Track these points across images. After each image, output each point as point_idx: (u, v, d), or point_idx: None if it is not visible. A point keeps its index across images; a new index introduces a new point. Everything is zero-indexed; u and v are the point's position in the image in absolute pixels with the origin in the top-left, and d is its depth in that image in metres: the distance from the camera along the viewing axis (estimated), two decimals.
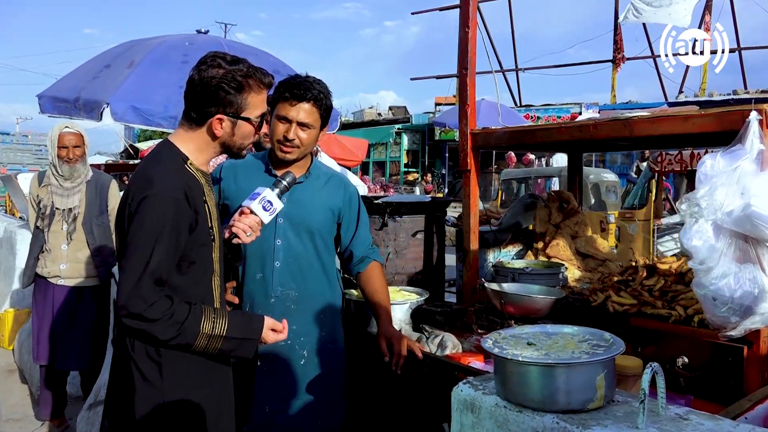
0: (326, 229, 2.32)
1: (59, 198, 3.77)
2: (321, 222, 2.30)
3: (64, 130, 3.77)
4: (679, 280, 2.30)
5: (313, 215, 2.28)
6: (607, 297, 2.38)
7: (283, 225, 2.25)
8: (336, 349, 2.36)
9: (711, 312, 1.88)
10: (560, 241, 3.02)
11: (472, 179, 2.78)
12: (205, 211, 1.81)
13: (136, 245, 1.68)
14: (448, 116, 16.12)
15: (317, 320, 2.30)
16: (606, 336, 1.68)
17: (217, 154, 1.90)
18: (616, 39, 19.35)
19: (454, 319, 2.68)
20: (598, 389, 1.50)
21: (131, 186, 1.76)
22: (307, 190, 2.29)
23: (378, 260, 2.42)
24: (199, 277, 1.83)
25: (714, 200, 1.83)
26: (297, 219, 2.26)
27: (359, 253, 2.38)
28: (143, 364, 1.75)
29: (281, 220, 2.24)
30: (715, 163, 1.85)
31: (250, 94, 1.80)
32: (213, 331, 1.74)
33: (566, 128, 2.44)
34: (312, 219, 2.28)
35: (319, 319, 2.30)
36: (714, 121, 2.01)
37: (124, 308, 1.66)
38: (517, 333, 1.76)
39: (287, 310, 2.25)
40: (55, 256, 3.76)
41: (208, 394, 1.85)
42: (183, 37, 4.93)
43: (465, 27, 2.74)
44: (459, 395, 1.68)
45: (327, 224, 2.32)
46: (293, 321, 2.24)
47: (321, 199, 2.31)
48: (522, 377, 1.53)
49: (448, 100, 22.57)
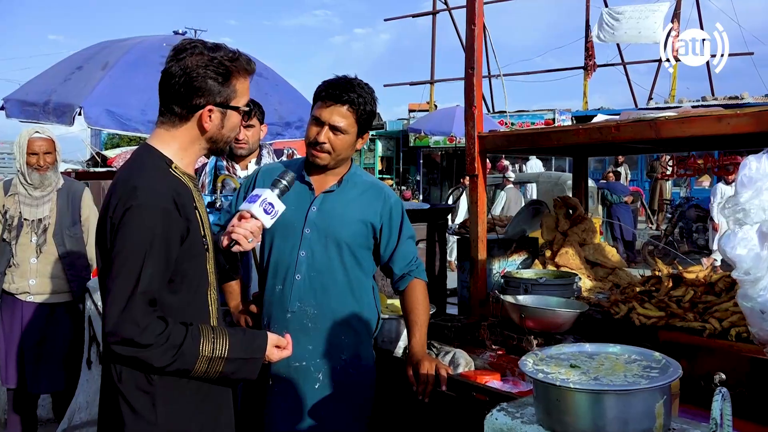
0: (357, 242, 2.13)
1: (27, 208, 3.51)
2: (351, 235, 2.11)
3: (34, 135, 3.51)
4: (709, 291, 2.17)
5: (343, 227, 2.10)
6: (630, 309, 2.24)
7: (310, 236, 2.08)
8: (359, 375, 2.16)
9: (758, 326, 1.74)
10: (569, 249, 2.89)
11: (479, 184, 2.63)
12: (196, 218, 1.65)
13: (123, 263, 1.50)
14: (423, 122, 16.08)
15: (338, 341, 2.11)
16: (656, 356, 1.54)
17: (203, 152, 1.73)
18: (587, 46, 19.54)
19: (464, 335, 2.52)
20: (657, 417, 1.36)
21: (111, 196, 1.58)
22: (339, 200, 2.12)
23: (420, 277, 2.22)
24: (194, 292, 1.66)
25: (760, 205, 1.70)
26: (325, 230, 2.09)
27: (399, 271, 2.19)
28: (132, 395, 1.57)
29: (308, 231, 2.08)
30: (761, 165, 1.72)
31: (237, 81, 1.65)
32: (213, 353, 1.57)
33: (585, 130, 2.30)
34: (341, 231, 2.10)
35: (339, 340, 2.11)
36: (752, 121, 1.89)
37: (114, 334, 1.47)
38: (554, 353, 1.61)
39: (303, 328, 2.07)
40: (24, 270, 3.49)
41: (206, 423, 1.68)
42: (160, 38, 4.72)
43: (471, 24, 2.59)
44: (494, 424, 1.52)
45: (359, 237, 2.13)
46: (309, 341, 2.08)
47: (354, 211, 2.12)
48: (571, 405, 1.38)
49: (421, 107, 22.56)
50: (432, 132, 15.92)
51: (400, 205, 2.22)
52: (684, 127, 2.04)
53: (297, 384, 2.09)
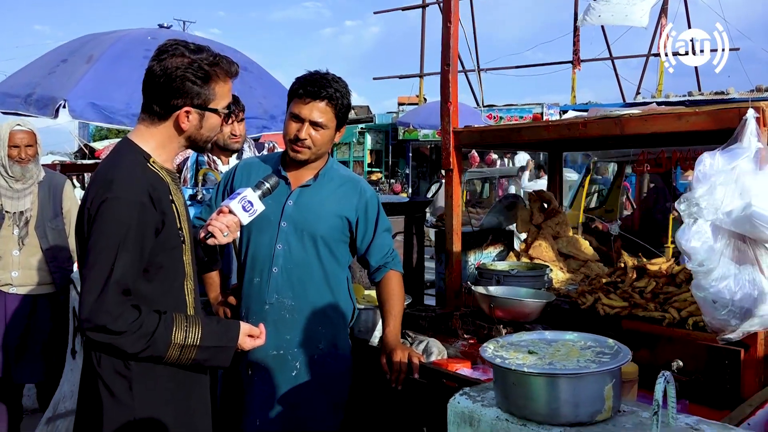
0: (332, 236, 2.17)
1: (9, 201, 3.54)
2: (327, 229, 2.16)
3: (15, 128, 3.53)
4: (671, 282, 2.26)
5: (318, 221, 2.15)
6: (596, 299, 2.32)
7: (286, 229, 2.13)
8: (336, 363, 2.22)
9: (710, 315, 1.83)
10: (542, 242, 2.96)
11: (455, 179, 2.70)
12: (172, 211, 1.70)
13: (98, 253, 1.55)
14: (412, 116, 16.07)
15: (314, 332, 2.17)
16: (610, 342, 1.61)
17: (182, 149, 1.78)
18: (574, 40, 19.60)
19: (438, 324, 2.59)
20: (606, 400, 1.44)
21: (90, 189, 1.64)
22: (315, 194, 2.17)
23: (395, 269, 2.27)
24: (170, 282, 1.71)
25: (713, 200, 1.78)
26: (301, 224, 2.14)
27: (375, 263, 2.24)
28: (111, 380, 1.63)
29: (284, 224, 2.13)
30: (714, 161, 1.80)
31: (217, 84, 1.70)
32: (186, 341, 1.63)
33: (554, 126, 2.37)
34: (317, 225, 2.14)
35: (316, 330, 2.17)
36: (708, 120, 1.97)
37: (88, 321, 1.53)
38: (515, 340, 1.68)
39: (281, 319, 2.13)
40: (6, 262, 3.52)
41: (181, 409, 1.73)
42: (145, 32, 4.71)
43: (447, 22, 2.65)
44: (456, 407, 1.59)
45: (334, 231, 2.18)
46: (287, 331, 2.13)
47: (330, 205, 2.17)
48: (526, 389, 1.45)
49: (411, 100, 22.53)
50: (421, 125, 15.94)
51: (375, 198, 2.27)
52: (647, 124, 2.12)
53: (275, 372, 2.14)
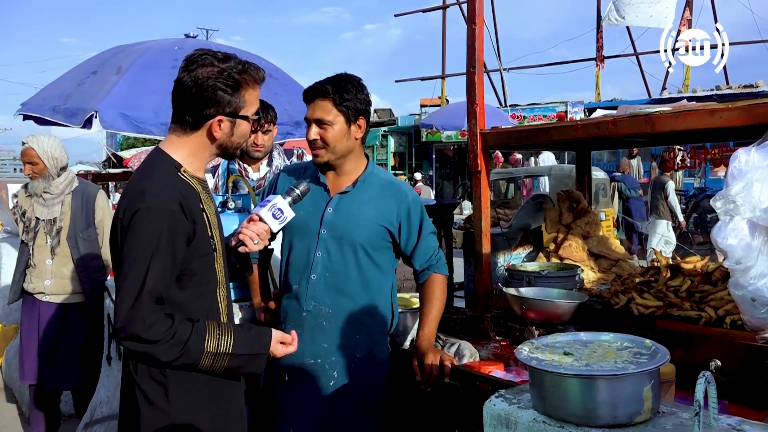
0: (373, 243, 2.16)
1: (41, 208, 3.62)
2: (366, 236, 2.15)
3: (22, 146, 3.61)
4: (706, 280, 2.22)
5: (358, 229, 2.14)
6: (629, 299, 2.29)
7: (326, 237, 2.14)
8: (374, 372, 2.21)
9: (749, 313, 1.80)
10: (572, 241, 2.94)
11: (482, 180, 2.69)
12: (203, 219, 1.72)
13: (131, 263, 1.58)
14: (435, 118, 16.05)
15: (352, 339, 2.16)
16: (647, 343, 1.60)
17: (213, 157, 1.81)
18: (598, 37, 19.39)
19: (469, 326, 2.58)
20: (645, 401, 1.42)
21: (123, 200, 1.67)
22: (354, 201, 2.17)
23: (438, 272, 2.26)
24: (203, 290, 1.73)
25: (750, 197, 1.75)
26: (340, 232, 2.14)
27: (419, 266, 2.24)
28: (147, 386, 1.66)
29: (324, 232, 2.14)
30: (750, 157, 1.77)
31: (246, 91, 1.72)
32: (218, 349, 1.65)
33: (583, 126, 2.35)
34: (356, 233, 2.14)
35: (353, 338, 2.16)
36: (742, 115, 1.93)
37: (123, 330, 1.56)
38: (550, 342, 1.67)
39: (318, 326, 2.14)
40: (40, 271, 3.60)
41: (217, 414, 1.75)
42: (172, 42, 4.79)
43: (472, 23, 2.65)
44: (492, 410, 1.58)
45: (374, 239, 2.16)
46: (324, 338, 2.14)
47: (370, 212, 2.16)
48: (563, 390, 1.44)
49: (433, 102, 22.52)
50: (444, 127, 15.93)
51: (418, 202, 2.25)
52: (678, 121, 2.09)
53: (312, 380, 2.15)
